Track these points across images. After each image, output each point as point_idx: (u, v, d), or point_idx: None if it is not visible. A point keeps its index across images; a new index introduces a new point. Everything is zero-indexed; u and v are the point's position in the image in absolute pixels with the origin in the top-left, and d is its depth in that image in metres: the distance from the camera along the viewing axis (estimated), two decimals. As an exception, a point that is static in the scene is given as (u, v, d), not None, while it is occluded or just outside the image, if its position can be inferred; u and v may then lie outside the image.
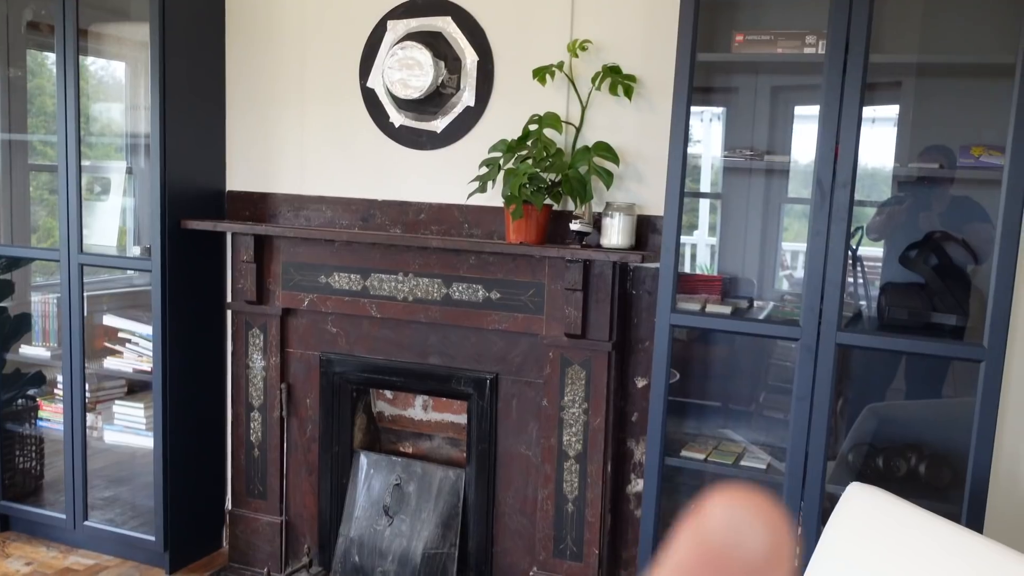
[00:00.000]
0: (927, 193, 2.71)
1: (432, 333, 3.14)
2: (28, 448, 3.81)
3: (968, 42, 2.61)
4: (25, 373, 3.81)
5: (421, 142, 3.18)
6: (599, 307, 2.88)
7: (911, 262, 2.64)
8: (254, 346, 3.38)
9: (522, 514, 3.11)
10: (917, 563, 1.84)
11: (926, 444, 2.66)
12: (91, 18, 3.45)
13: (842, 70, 2.36)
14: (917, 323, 2.59)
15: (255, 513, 3.45)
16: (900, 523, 1.93)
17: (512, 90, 3.04)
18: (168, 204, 3.23)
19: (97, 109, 3.69)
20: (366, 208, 3.29)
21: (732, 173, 2.97)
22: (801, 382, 2.50)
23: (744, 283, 2.95)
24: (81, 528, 3.53)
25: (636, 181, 2.93)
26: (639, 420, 3.00)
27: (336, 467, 3.35)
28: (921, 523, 1.91)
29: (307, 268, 3.25)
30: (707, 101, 2.92)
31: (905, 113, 2.72)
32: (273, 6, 3.36)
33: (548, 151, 2.85)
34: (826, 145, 2.40)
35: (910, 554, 1.86)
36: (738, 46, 2.60)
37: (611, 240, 2.82)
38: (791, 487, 2.54)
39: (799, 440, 2.52)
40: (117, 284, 3.85)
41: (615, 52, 2.89)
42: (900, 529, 1.92)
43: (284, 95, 3.38)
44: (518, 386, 3.06)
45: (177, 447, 3.38)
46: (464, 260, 3.03)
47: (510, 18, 3.03)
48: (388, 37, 3.17)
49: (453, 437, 3.36)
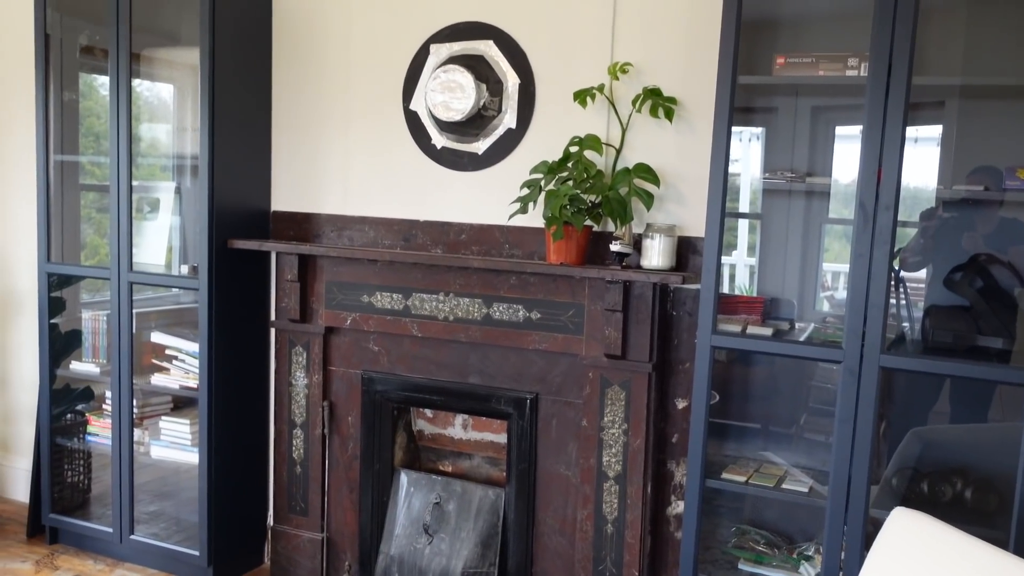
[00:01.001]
0: (972, 215, 2.68)
1: (472, 352, 3.17)
2: (76, 462, 3.89)
3: (1013, 63, 2.59)
4: (74, 388, 3.89)
5: (463, 163, 3.22)
6: (639, 328, 2.89)
7: (956, 284, 2.62)
8: (297, 364, 3.43)
9: (561, 534, 3.11)
10: (963, 590, 1.81)
11: (972, 469, 2.62)
12: (143, 43, 3.54)
13: (885, 92, 2.35)
14: (962, 346, 2.56)
15: (297, 529, 3.49)
16: (946, 549, 1.91)
17: (553, 112, 3.07)
18: (215, 224, 3.30)
19: (146, 130, 3.78)
20: (408, 228, 3.33)
21: (772, 194, 2.96)
22: (844, 405, 2.48)
23: (785, 304, 2.94)
24: (127, 542, 3.59)
25: (676, 202, 2.94)
26: (679, 441, 3.00)
27: (377, 485, 3.38)
28: (967, 550, 1.88)
29: (350, 287, 3.30)
30: (746, 121, 2.92)
31: (949, 134, 2.70)
32: (319, 30, 3.43)
33: (589, 172, 2.87)
34: (869, 167, 2.39)
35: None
36: (779, 68, 2.61)
37: (651, 261, 2.83)
38: (834, 511, 2.52)
39: (842, 464, 2.50)
40: (163, 302, 3.92)
41: (655, 74, 2.91)
42: (946, 556, 1.90)
43: (328, 117, 3.44)
44: (558, 406, 3.07)
45: (221, 463, 3.44)
46: (505, 280, 3.05)
47: (551, 41, 3.06)
48: (431, 60, 3.22)
49: (492, 456, 3.37)
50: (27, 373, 4.21)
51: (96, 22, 3.67)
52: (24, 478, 4.23)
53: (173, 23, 3.70)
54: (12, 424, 4.31)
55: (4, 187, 4.20)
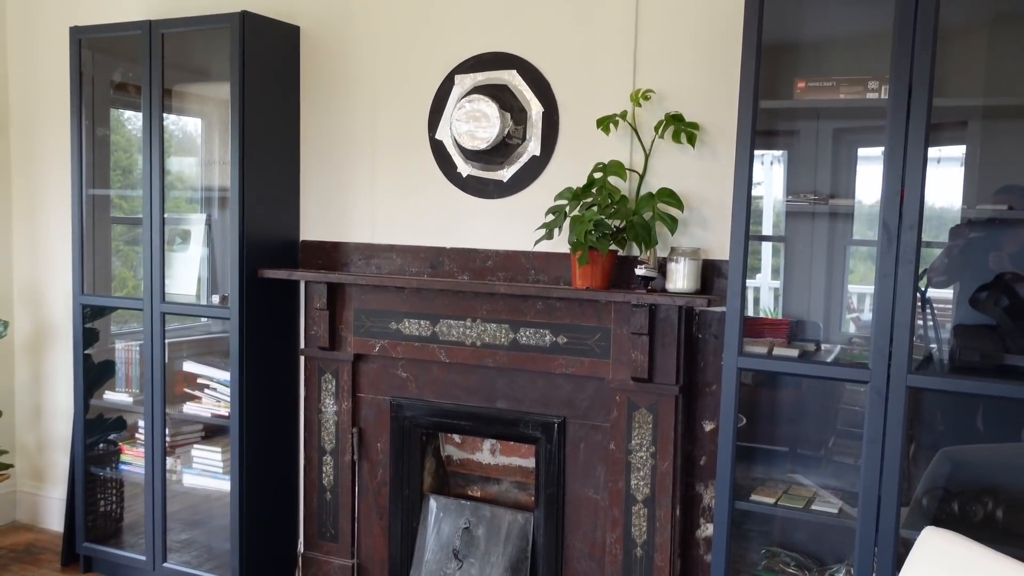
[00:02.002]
0: (998, 234, 2.69)
1: (500, 377, 3.20)
2: (109, 491, 3.94)
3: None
4: (107, 418, 3.95)
5: (488, 191, 3.27)
6: (665, 351, 2.91)
7: (981, 304, 2.62)
8: (326, 391, 3.47)
9: (591, 558, 3.12)
10: (997, 609, 1.81)
11: (1003, 489, 2.61)
12: (174, 79, 3.64)
13: (906, 115, 2.38)
14: (989, 365, 2.56)
15: (327, 556, 3.51)
16: (978, 569, 1.91)
17: (576, 139, 3.12)
18: (246, 254, 3.36)
19: (175, 163, 3.86)
20: (435, 256, 3.38)
21: (795, 217, 2.98)
22: (872, 425, 2.49)
23: (810, 326, 2.95)
24: (160, 570, 3.63)
25: (700, 226, 2.97)
26: (707, 464, 3.00)
27: (406, 510, 3.40)
28: (999, 569, 1.88)
29: (378, 315, 3.34)
30: (768, 145, 2.95)
31: (972, 153, 2.72)
32: (345, 63, 3.50)
33: (613, 198, 2.91)
34: (891, 188, 2.41)
35: (989, 600, 1.84)
36: (800, 92, 2.64)
37: (676, 284, 2.86)
38: (864, 532, 2.52)
39: (871, 484, 2.50)
40: (191, 332, 3.98)
41: (677, 100, 2.96)
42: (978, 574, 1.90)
43: (355, 148, 3.51)
44: (585, 430, 3.09)
45: (252, 490, 3.48)
46: (531, 305, 3.09)
47: (574, 70, 3.12)
48: (455, 91, 3.28)
49: (521, 481, 3.39)
50: (61, 403, 4.29)
51: (128, 60, 3.77)
52: (57, 507, 4.29)
53: (202, 59, 3.79)
54: (46, 454, 4.38)
55: (38, 222, 4.29)
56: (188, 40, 3.56)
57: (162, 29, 3.43)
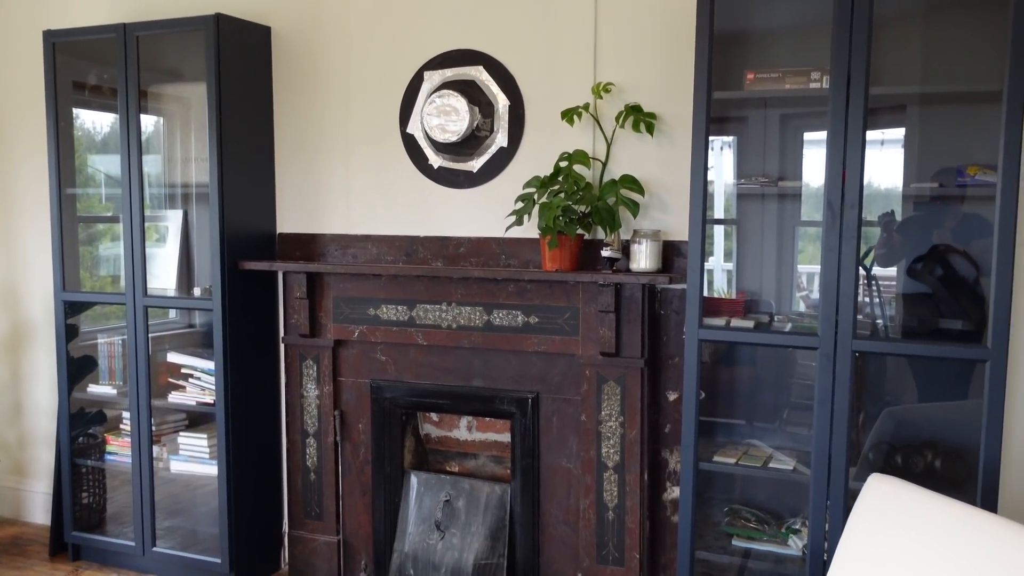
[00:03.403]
0: (936, 211, 2.92)
1: (475, 357, 3.38)
2: (92, 483, 4.03)
3: (962, 72, 2.83)
4: (88, 412, 4.05)
5: (459, 181, 3.45)
6: (631, 327, 3.12)
7: (918, 273, 2.87)
8: (308, 376, 3.63)
9: (565, 524, 3.32)
10: (937, 538, 2.04)
11: (941, 442, 2.86)
12: (149, 80, 3.75)
13: (845, 103, 2.60)
14: (926, 330, 2.81)
15: (313, 534, 3.67)
16: (918, 507, 2.14)
17: (542, 131, 3.30)
18: (226, 248, 3.50)
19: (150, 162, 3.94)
20: (409, 244, 3.54)
21: (746, 199, 3.20)
22: (822, 388, 2.72)
23: (763, 305, 3.17)
24: (150, 554, 3.76)
25: (660, 209, 3.18)
26: (672, 431, 3.22)
27: (388, 487, 3.58)
28: (937, 506, 2.11)
29: (356, 302, 3.50)
30: (720, 131, 3.13)
31: (911, 136, 2.93)
32: (317, 62, 3.65)
33: (578, 185, 3.10)
34: (834, 170, 2.64)
35: (930, 532, 2.07)
36: (749, 83, 2.85)
37: (640, 264, 3.06)
38: (817, 487, 2.75)
39: (822, 442, 2.73)
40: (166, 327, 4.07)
41: (636, 92, 3.16)
42: (919, 512, 2.13)
43: (329, 142, 3.66)
44: (558, 403, 3.29)
45: (239, 473, 3.62)
46: (503, 288, 3.27)
47: (538, 65, 3.30)
48: (425, 87, 3.45)
49: (497, 455, 3.58)
50: (42, 399, 4.38)
51: (94, 61, 3.85)
52: (41, 501, 4.39)
53: (175, 60, 3.90)
54: (28, 449, 4.47)
55: (11, 223, 4.37)
56: (158, 41, 3.65)
57: (137, 32, 3.54)
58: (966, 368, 2.80)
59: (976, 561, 1.94)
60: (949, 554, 1.99)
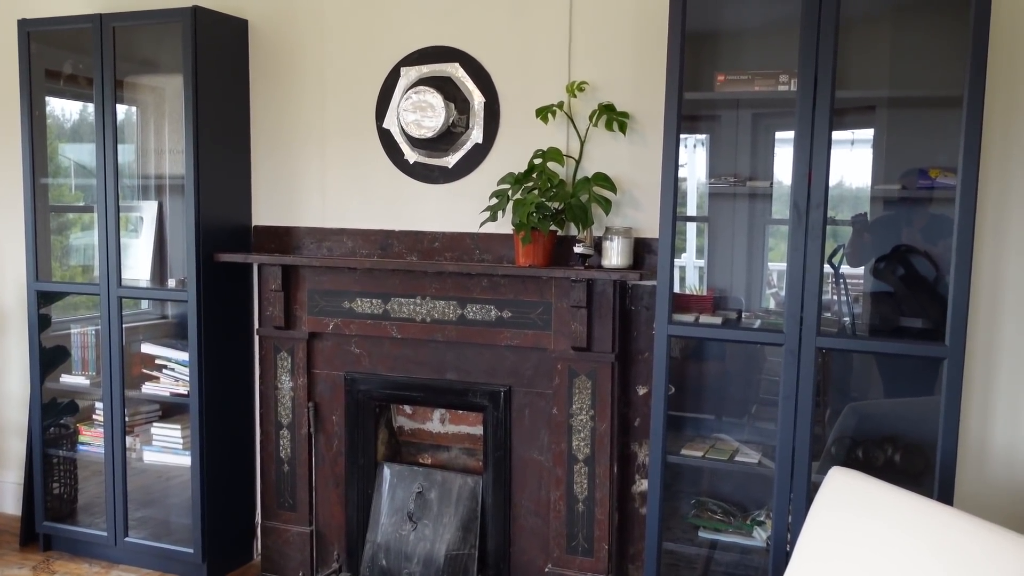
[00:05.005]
0: (905, 211, 3.00)
1: (449, 351, 3.43)
2: (63, 473, 4.03)
3: (927, 76, 2.90)
4: (60, 402, 4.05)
5: (434, 177, 3.49)
6: (602, 322, 3.17)
7: (880, 273, 2.95)
8: (282, 368, 3.65)
9: (536, 515, 3.38)
10: (893, 528, 2.12)
11: (900, 437, 2.95)
12: (125, 71, 3.75)
13: (812, 105, 2.67)
14: (887, 327, 2.89)
15: (286, 524, 3.70)
16: (877, 499, 2.21)
17: (516, 128, 3.35)
18: (201, 239, 3.51)
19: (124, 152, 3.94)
20: (384, 238, 3.58)
21: (718, 197, 3.26)
22: (787, 382, 2.78)
23: (733, 302, 3.23)
24: (122, 544, 3.77)
25: (632, 207, 3.23)
26: (641, 425, 3.28)
27: (362, 479, 3.61)
28: (895, 497, 2.19)
29: (331, 295, 3.53)
30: (692, 130, 3.19)
31: (879, 137, 3.01)
32: (294, 56, 3.67)
33: (552, 182, 3.15)
34: (800, 171, 2.70)
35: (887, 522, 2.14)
36: (720, 85, 2.92)
37: (611, 261, 3.12)
38: (781, 479, 2.82)
39: (786, 436, 2.80)
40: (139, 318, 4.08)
41: (609, 91, 3.21)
42: (877, 504, 2.20)
43: (305, 136, 3.68)
44: (530, 397, 3.34)
45: (212, 464, 3.64)
46: (477, 283, 3.32)
47: (513, 63, 3.34)
48: (401, 82, 3.48)
49: (469, 447, 3.63)
50: (11, 389, 4.36)
51: (76, 51, 3.85)
52: (11, 491, 4.38)
53: (151, 51, 3.90)
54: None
55: (-14, 210, 4.35)
56: (134, 32, 3.65)
57: (113, 23, 3.54)
58: (930, 365, 2.87)
59: (930, 549, 2.02)
60: (905, 544, 2.07)
